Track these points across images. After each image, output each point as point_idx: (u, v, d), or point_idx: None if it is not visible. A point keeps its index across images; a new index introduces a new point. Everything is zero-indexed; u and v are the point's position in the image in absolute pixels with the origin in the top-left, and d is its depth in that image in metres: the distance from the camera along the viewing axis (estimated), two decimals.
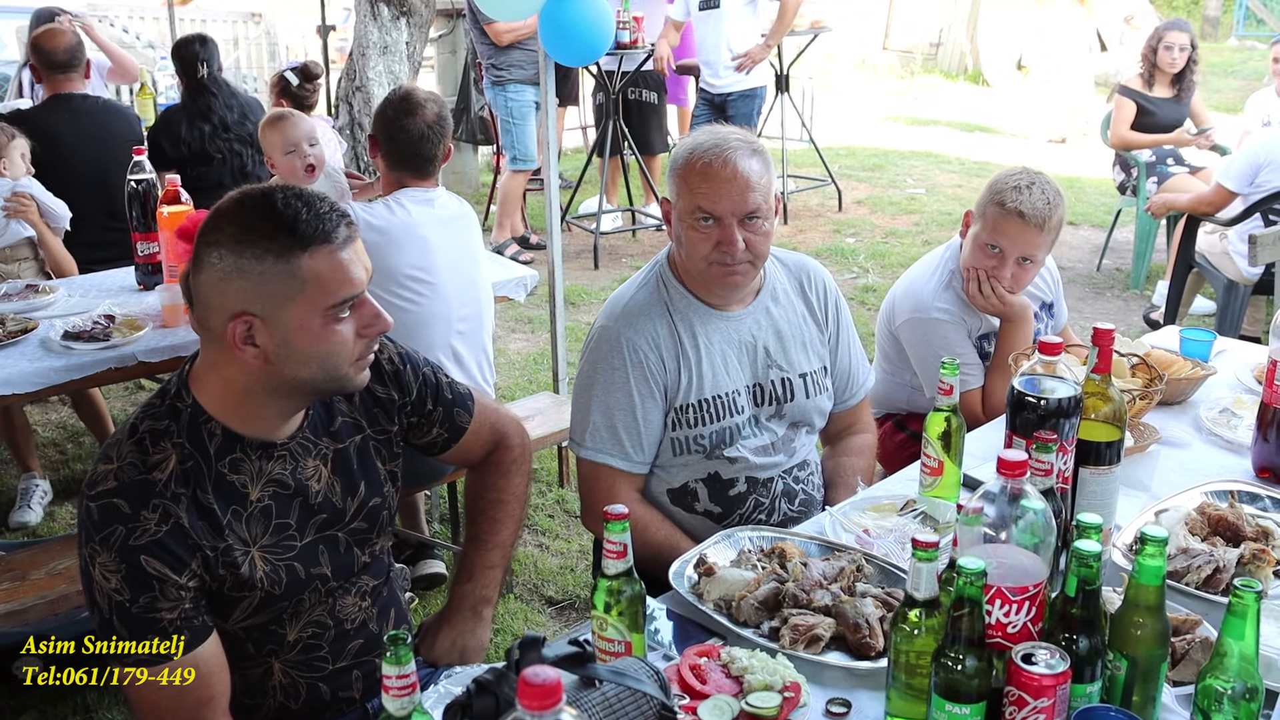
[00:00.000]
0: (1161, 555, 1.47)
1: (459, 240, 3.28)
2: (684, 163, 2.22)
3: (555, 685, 0.95)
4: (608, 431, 2.24)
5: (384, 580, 1.99)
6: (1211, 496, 2.14)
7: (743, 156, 2.17)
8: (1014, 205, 2.68)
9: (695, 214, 2.19)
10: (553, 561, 3.76)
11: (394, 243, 3.08)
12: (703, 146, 2.20)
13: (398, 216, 3.12)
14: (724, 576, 1.84)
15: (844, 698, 1.62)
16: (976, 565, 1.40)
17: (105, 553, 1.60)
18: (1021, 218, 2.68)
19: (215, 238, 1.65)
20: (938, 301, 2.85)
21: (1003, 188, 2.73)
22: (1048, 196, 2.71)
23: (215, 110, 4.63)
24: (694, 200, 2.19)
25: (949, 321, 2.83)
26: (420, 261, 3.13)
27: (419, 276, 3.13)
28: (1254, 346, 3.17)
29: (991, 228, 2.73)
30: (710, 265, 2.22)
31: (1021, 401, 1.86)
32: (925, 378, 2.90)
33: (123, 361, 3.05)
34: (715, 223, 2.18)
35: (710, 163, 2.17)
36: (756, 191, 2.17)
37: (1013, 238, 2.71)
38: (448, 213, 3.26)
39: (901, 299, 2.95)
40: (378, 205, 3.17)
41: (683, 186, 2.21)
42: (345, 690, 1.90)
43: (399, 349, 2.00)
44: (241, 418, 1.73)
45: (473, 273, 3.33)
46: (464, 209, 3.34)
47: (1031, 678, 1.40)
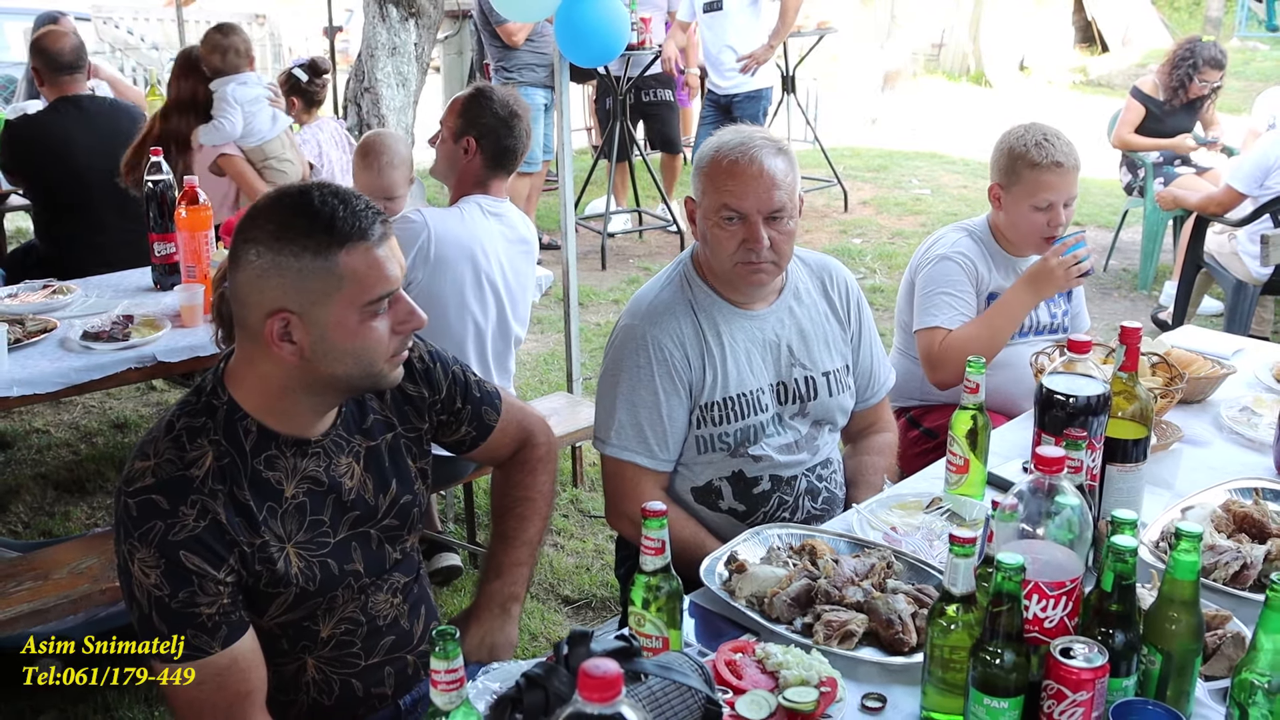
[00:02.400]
0: (1196, 551, 1.48)
1: (516, 261, 3.27)
2: (710, 161, 2.23)
3: (616, 678, 0.96)
4: (633, 429, 2.25)
5: (414, 577, 2.00)
6: (1236, 494, 2.15)
7: (768, 155, 2.19)
8: (1049, 158, 2.81)
9: (721, 212, 2.20)
10: (568, 561, 3.77)
11: (456, 248, 3.08)
12: (729, 145, 2.21)
13: (467, 226, 3.13)
14: (755, 573, 1.84)
15: (879, 692, 1.63)
16: (1016, 560, 1.41)
17: (144, 548, 1.61)
18: (1060, 166, 2.82)
19: (253, 235, 1.66)
20: (960, 244, 2.96)
21: (1024, 148, 2.84)
22: (1063, 138, 2.86)
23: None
24: (720, 198, 2.20)
25: (961, 265, 2.92)
26: (473, 273, 3.13)
27: (468, 284, 3.12)
28: (1272, 346, 3.18)
29: (1035, 187, 2.83)
30: (736, 264, 2.23)
31: (1051, 399, 1.88)
32: (916, 310, 2.96)
33: (142, 361, 3.06)
34: (741, 221, 2.19)
35: (737, 160, 2.18)
36: (782, 190, 2.18)
37: (1058, 187, 2.83)
38: (513, 232, 3.27)
39: (925, 252, 3.04)
40: (448, 214, 3.16)
41: (709, 184, 2.22)
42: (378, 686, 1.91)
43: (428, 347, 2.01)
44: (277, 415, 1.73)
45: (517, 296, 3.32)
46: (530, 232, 3.34)
47: (1071, 671, 1.41)
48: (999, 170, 2.90)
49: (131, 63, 10.60)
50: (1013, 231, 2.93)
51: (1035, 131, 2.85)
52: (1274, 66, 13.36)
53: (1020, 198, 2.85)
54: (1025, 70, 14.74)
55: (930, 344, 2.87)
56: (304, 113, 5.13)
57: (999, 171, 2.90)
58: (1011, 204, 2.88)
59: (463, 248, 3.09)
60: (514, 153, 3.21)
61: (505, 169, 3.23)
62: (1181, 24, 15.45)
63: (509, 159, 3.21)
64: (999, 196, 2.91)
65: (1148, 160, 6.38)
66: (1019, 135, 2.87)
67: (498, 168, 3.21)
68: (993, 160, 2.94)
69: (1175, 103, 6.26)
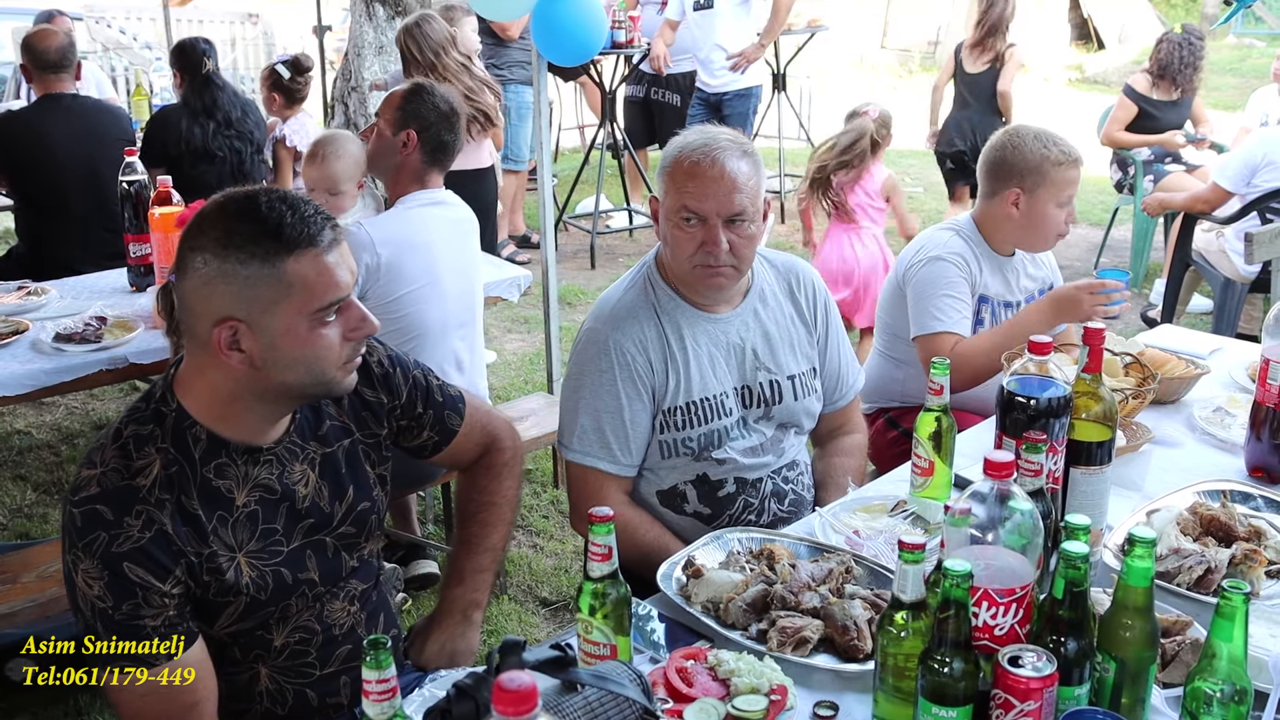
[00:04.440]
0: (1150, 557, 1.46)
1: (462, 243, 3.29)
2: (672, 161, 2.21)
3: (530, 691, 0.94)
4: (595, 434, 2.23)
5: (373, 584, 1.98)
6: (1204, 496, 2.13)
7: (731, 157, 2.16)
8: (1069, 156, 2.86)
9: (680, 212, 2.17)
10: (547, 563, 3.75)
11: (407, 250, 3.09)
12: (691, 145, 2.18)
13: (412, 224, 3.15)
14: (712, 578, 1.83)
15: (831, 700, 1.62)
16: (962, 567, 1.39)
17: (88, 559, 1.59)
18: (1078, 162, 2.87)
19: (199, 242, 1.63)
20: (953, 244, 2.95)
21: (1044, 150, 2.86)
22: (1061, 136, 2.91)
23: (220, 105, 4.63)
24: (680, 199, 2.17)
25: (957, 266, 2.90)
26: (428, 266, 3.13)
27: (426, 281, 3.13)
28: (1250, 345, 3.16)
29: (1061, 185, 2.86)
30: (694, 266, 2.20)
31: (1011, 402, 1.86)
32: (916, 314, 2.93)
33: (114, 363, 3.05)
34: (700, 223, 2.17)
35: (698, 162, 2.15)
36: (743, 193, 2.16)
37: (1077, 181, 2.90)
38: (455, 214, 3.29)
39: (913, 251, 3.02)
40: (390, 218, 3.19)
41: (670, 184, 2.20)
42: (333, 696, 1.89)
43: (389, 351, 1.98)
44: (227, 422, 1.71)
45: (472, 276, 3.34)
46: (468, 212, 3.36)
47: (1018, 680, 1.39)
48: (1019, 176, 2.86)
49: (124, 62, 10.57)
50: (1028, 232, 2.93)
51: (1041, 135, 2.88)
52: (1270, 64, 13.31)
53: (1046, 198, 2.86)
54: (1022, 68, 14.69)
55: (938, 351, 2.79)
56: (285, 109, 5.12)
57: (1019, 177, 2.86)
58: (1035, 205, 2.87)
59: (410, 246, 3.09)
60: (452, 149, 3.25)
61: (443, 165, 3.26)
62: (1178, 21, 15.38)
63: (447, 154, 3.24)
64: (1017, 200, 2.88)
65: (1138, 158, 6.37)
66: (1029, 141, 2.87)
67: (435, 163, 3.23)
68: (1004, 169, 2.89)
69: (1161, 92, 6.26)
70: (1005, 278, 2.99)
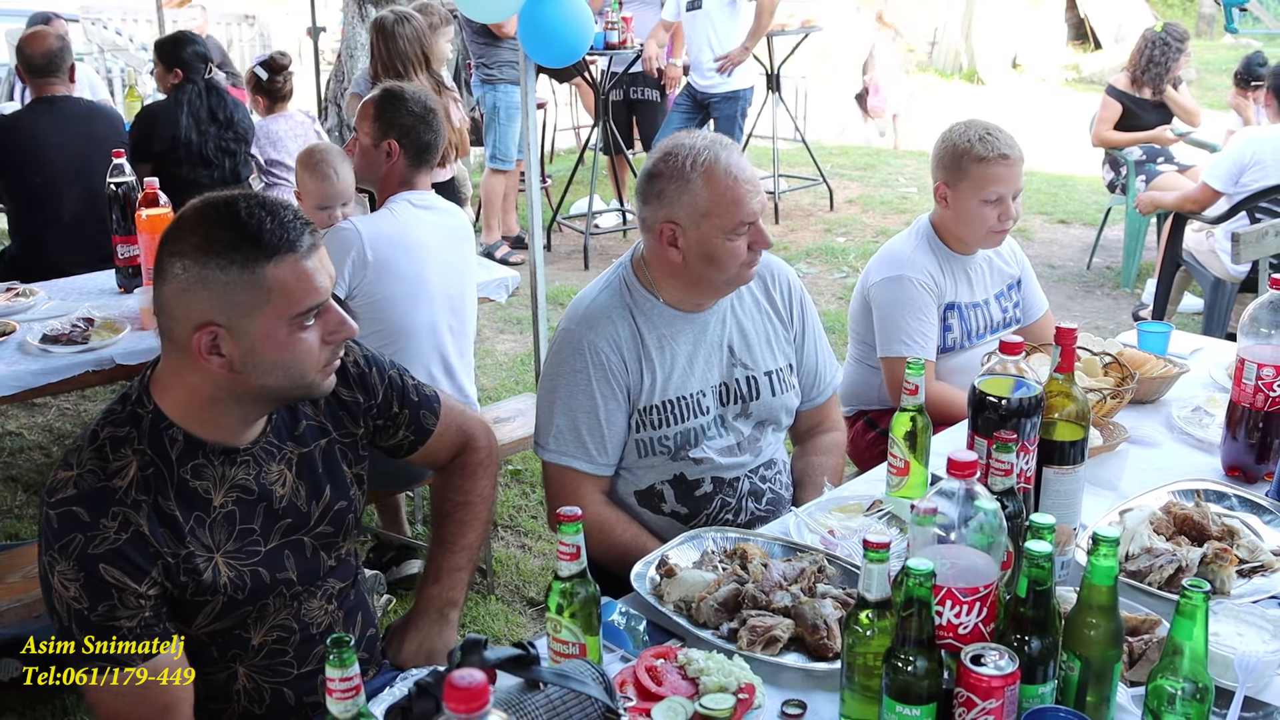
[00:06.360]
0: (1113, 556, 1.47)
1: (454, 248, 3.29)
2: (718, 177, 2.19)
3: (481, 688, 0.95)
4: (571, 434, 2.25)
5: (351, 583, 1.99)
6: (1178, 496, 2.14)
7: (746, 159, 2.23)
8: (995, 151, 2.82)
9: (739, 227, 2.19)
10: (535, 563, 3.76)
11: (398, 249, 3.09)
12: (720, 160, 2.19)
13: (401, 224, 3.15)
14: (684, 578, 1.84)
15: (800, 699, 1.63)
16: (925, 566, 1.40)
17: (64, 561, 1.60)
18: (1007, 159, 2.83)
19: (178, 248, 1.64)
20: (916, 260, 2.94)
21: (968, 144, 2.85)
22: (1005, 132, 2.88)
23: (224, 110, 4.64)
24: (737, 216, 2.18)
25: (924, 288, 2.90)
26: (417, 267, 3.13)
27: (414, 281, 3.13)
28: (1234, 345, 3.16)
29: (982, 180, 2.84)
30: (743, 267, 2.24)
31: (982, 401, 1.87)
32: (882, 333, 2.93)
33: (100, 364, 3.05)
34: (749, 226, 2.21)
35: (737, 176, 2.19)
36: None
37: (1006, 179, 2.84)
38: (446, 220, 3.28)
39: (877, 264, 3.02)
40: (380, 217, 3.18)
41: (716, 204, 2.18)
42: (310, 695, 1.90)
43: (364, 352, 2.00)
44: (204, 424, 1.72)
45: (463, 281, 3.34)
46: (461, 218, 3.37)
47: (980, 679, 1.40)
48: (944, 168, 2.89)
49: (120, 64, 10.58)
50: (961, 228, 2.92)
51: (977, 127, 2.86)
52: None
53: (968, 193, 2.85)
54: (1018, 68, 14.71)
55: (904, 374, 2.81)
56: (268, 110, 5.15)
57: (944, 169, 2.89)
58: (959, 200, 2.87)
59: (399, 245, 3.09)
60: (434, 147, 3.25)
61: (428, 164, 3.26)
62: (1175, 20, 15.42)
63: (430, 154, 3.24)
64: (945, 195, 2.90)
65: (1130, 158, 6.37)
66: (960, 132, 2.87)
67: (420, 164, 3.24)
68: (935, 159, 2.93)
69: (1146, 90, 6.26)
70: (969, 277, 3.00)
